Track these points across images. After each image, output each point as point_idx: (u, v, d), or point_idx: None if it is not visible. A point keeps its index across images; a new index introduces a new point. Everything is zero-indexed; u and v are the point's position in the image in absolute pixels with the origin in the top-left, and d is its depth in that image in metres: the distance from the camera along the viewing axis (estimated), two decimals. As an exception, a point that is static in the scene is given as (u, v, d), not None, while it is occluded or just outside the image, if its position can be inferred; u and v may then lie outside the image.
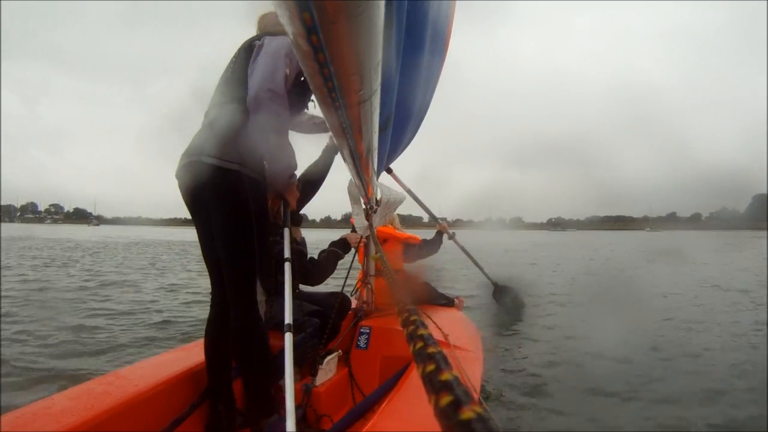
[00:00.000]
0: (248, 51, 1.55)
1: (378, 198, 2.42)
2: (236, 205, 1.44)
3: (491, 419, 0.27)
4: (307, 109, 1.75)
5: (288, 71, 1.47)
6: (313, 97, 1.47)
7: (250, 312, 1.49)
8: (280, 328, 1.40)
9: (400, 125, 1.83)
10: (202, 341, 1.69)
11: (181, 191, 1.54)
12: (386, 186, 2.55)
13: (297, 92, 1.54)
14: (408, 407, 1.29)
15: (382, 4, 0.45)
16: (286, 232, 1.63)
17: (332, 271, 2.29)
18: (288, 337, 1.33)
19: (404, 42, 1.29)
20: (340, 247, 2.35)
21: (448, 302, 3.01)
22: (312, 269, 2.21)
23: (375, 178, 1.96)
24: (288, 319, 1.38)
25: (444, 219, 3.61)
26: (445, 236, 3.38)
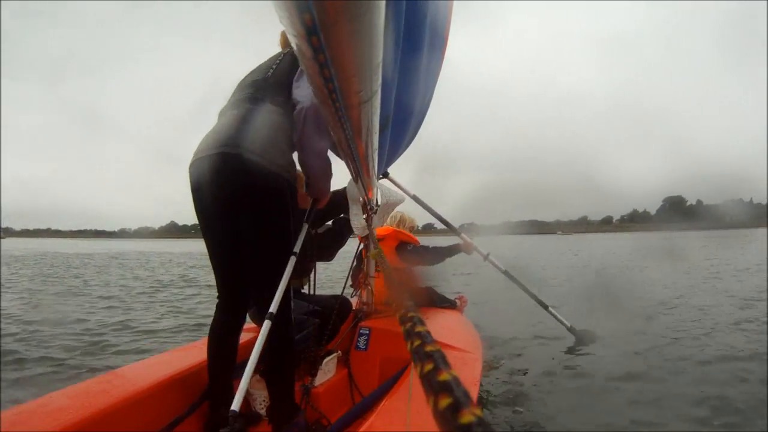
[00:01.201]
0: (294, 59, 1.54)
1: (377, 199, 2.42)
2: (280, 211, 1.43)
3: (491, 424, 0.27)
4: None
5: None
6: None
7: (286, 318, 1.48)
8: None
9: (401, 126, 1.83)
10: (199, 342, 1.69)
11: (200, 181, 1.44)
12: (385, 187, 2.54)
13: None
14: (406, 407, 1.29)
15: (383, 5, 0.45)
16: (305, 227, 1.65)
17: (344, 243, 2.27)
18: (266, 325, 1.38)
19: (403, 42, 1.29)
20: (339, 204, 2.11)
21: (450, 305, 3.00)
22: (324, 243, 2.19)
23: (375, 179, 1.96)
24: (273, 308, 1.40)
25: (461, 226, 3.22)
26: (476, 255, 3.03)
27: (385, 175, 2.81)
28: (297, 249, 1.55)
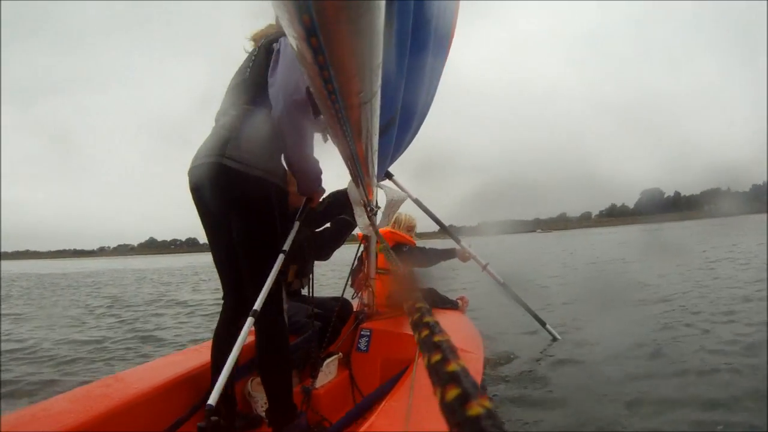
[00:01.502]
0: (267, 53, 1.52)
1: (378, 200, 2.41)
2: (264, 215, 1.45)
3: (500, 416, 0.26)
4: None
5: None
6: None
7: (278, 319, 1.50)
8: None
9: (402, 126, 1.83)
10: (200, 346, 1.69)
11: (194, 190, 1.51)
12: (388, 186, 2.53)
13: None
14: (406, 407, 1.28)
15: (383, 5, 0.44)
16: (296, 225, 1.65)
17: (342, 243, 2.26)
18: (248, 322, 1.38)
19: (409, 43, 1.29)
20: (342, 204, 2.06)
21: (452, 305, 2.99)
22: (321, 242, 2.19)
23: (375, 180, 1.96)
24: (257, 305, 1.40)
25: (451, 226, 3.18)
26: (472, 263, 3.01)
27: (389, 176, 2.81)
28: (286, 247, 1.54)
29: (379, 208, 2.44)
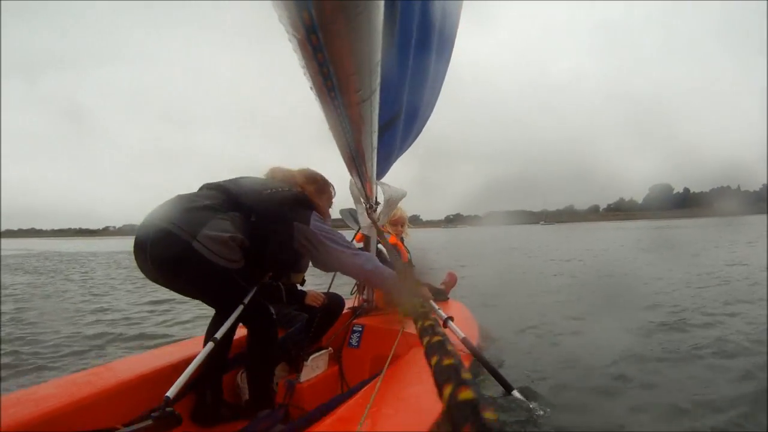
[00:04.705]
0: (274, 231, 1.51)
1: (378, 196, 2.41)
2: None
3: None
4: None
5: None
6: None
7: (266, 317, 1.57)
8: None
9: (406, 125, 1.83)
10: (191, 340, 1.72)
11: None
12: (386, 184, 2.53)
13: None
14: (385, 396, 1.27)
15: (381, 4, 0.45)
16: (254, 290, 1.62)
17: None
18: (208, 347, 1.43)
19: (414, 44, 1.29)
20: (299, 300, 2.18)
21: (443, 297, 2.94)
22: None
23: (375, 177, 1.96)
24: (218, 334, 1.47)
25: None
26: None
27: None
28: (246, 300, 1.53)
29: (378, 204, 2.44)
